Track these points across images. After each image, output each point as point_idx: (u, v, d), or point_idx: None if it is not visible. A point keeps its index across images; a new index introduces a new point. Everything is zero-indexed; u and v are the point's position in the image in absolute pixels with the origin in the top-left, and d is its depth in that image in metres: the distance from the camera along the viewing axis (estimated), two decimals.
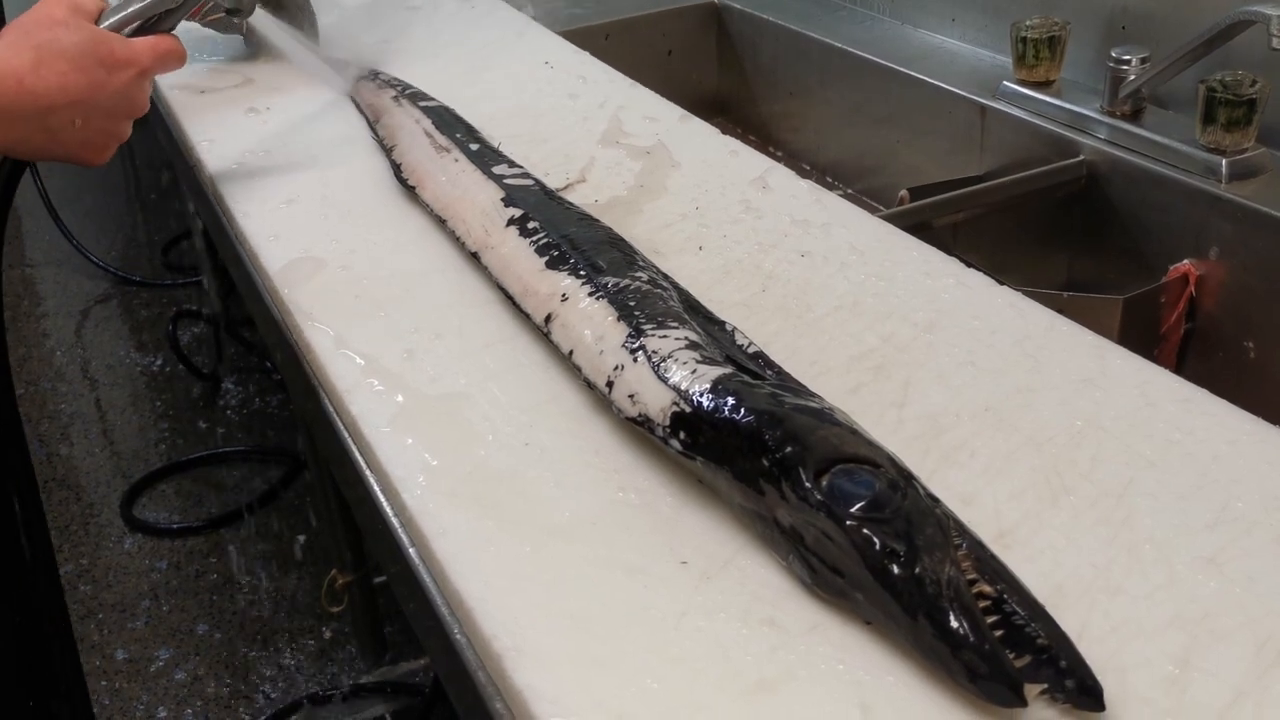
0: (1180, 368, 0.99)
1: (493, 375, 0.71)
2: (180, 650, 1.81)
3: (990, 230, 1.07)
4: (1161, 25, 1.04)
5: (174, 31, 0.86)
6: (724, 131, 1.04)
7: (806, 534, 0.52)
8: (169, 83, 1.19)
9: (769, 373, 0.65)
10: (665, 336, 0.64)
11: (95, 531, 2.07)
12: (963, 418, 0.64)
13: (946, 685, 0.48)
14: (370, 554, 1.50)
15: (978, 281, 0.78)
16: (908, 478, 0.54)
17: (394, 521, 0.62)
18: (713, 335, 0.68)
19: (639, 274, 0.72)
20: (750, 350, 0.68)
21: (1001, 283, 0.78)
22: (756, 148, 1.02)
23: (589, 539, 0.57)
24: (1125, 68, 1.01)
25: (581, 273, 0.72)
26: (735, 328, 0.70)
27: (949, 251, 0.82)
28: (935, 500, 0.54)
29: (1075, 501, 0.58)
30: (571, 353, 0.68)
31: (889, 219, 0.90)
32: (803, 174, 0.94)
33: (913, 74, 1.23)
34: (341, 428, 0.70)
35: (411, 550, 0.60)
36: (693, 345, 0.64)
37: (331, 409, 0.72)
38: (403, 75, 1.12)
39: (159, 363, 2.52)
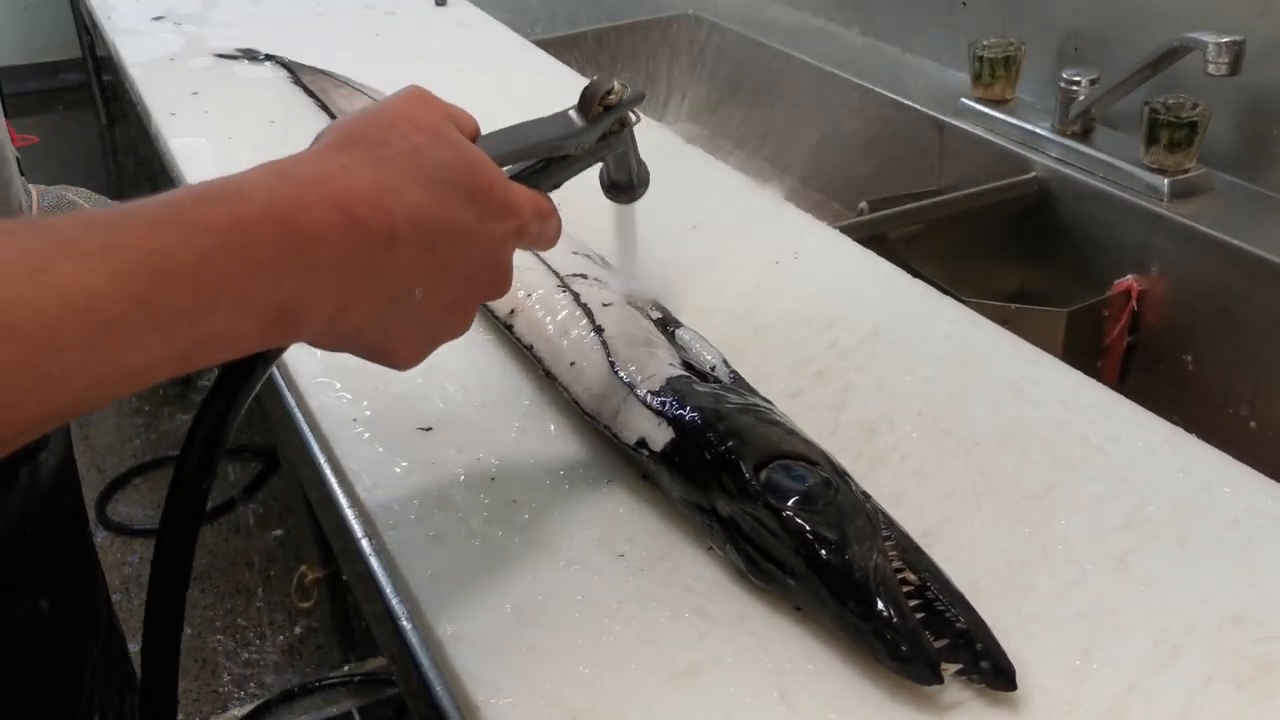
0: (1123, 380, 1.02)
1: (451, 374, 0.73)
2: None
3: (945, 243, 1.10)
4: (1112, 48, 1.07)
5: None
6: (691, 139, 1.07)
7: (744, 524, 0.55)
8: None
9: (726, 371, 0.68)
10: (627, 336, 0.67)
11: None
12: (896, 422, 0.67)
13: (864, 672, 0.51)
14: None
15: (923, 292, 0.81)
16: (841, 475, 0.57)
17: (348, 514, 0.64)
18: (671, 339, 0.71)
19: (602, 272, 0.75)
20: (708, 357, 0.70)
21: (946, 293, 0.81)
22: (723, 155, 1.05)
23: (531, 531, 0.60)
24: (1075, 88, 1.04)
25: (547, 269, 0.75)
26: (699, 334, 0.72)
27: (904, 262, 0.85)
28: (867, 496, 0.57)
29: (997, 503, 0.61)
30: (531, 346, 0.71)
31: (845, 230, 0.92)
32: (767, 182, 0.97)
33: (876, 89, 1.26)
34: (303, 423, 0.72)
35: (364, 541, 0.63)
36: (651, 346, 0.67)
37: (294, 405, 0.74)
38: None
39: None
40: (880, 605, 0.50)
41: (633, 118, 0.58)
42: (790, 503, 0.54)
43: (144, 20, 1.47)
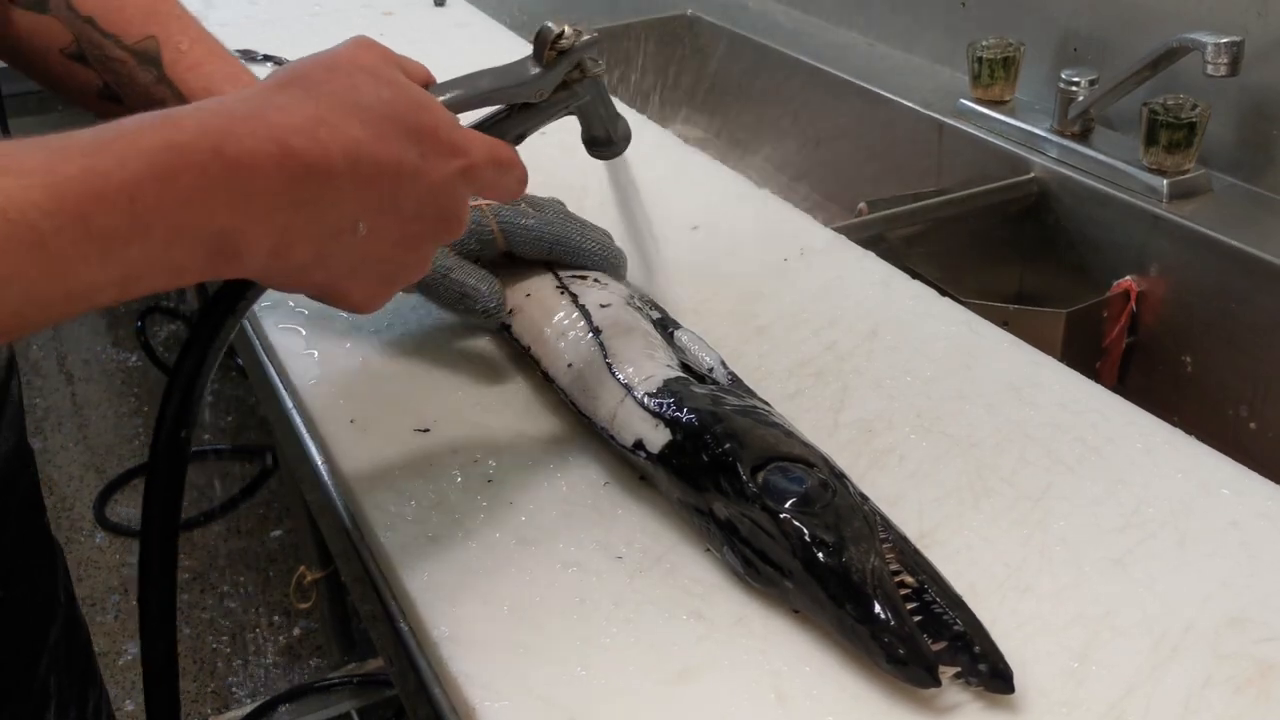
0: (1122, 381, 1.02)
1: (448, 375, 0.73)
2: None
3: (944, 243, 1.10)
4: (1111, 48, 1.07)
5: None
6: (691, 139, 1.07)
7: (741, 526, 0.55)
8: None
9: (724, 372, 0.68)
10: (625, 337, 0.67)
11: (68, 525, 2.08)
12: (895, 423, 0.67)
13: (861, 675, 0.51)
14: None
15: (921, 293, 0.81)
16: (839, 476, 0.57)
17: (345, 515, 0.64)
18: (670, 340, 0.71)
19: (600, 271, 0.75)
20: (706, 359, 0.70)
21: (945, 294, 0.81)
22: (723, 156, 1.05)
23: (528, 533, 0.60)
24: (1074, 89, 1.04)
25: (546, 269, 0.75)
26: (697, 335, 0.72)
27: (902, 263, 0.85)
28: (864, 498, 0.57)
29: (995, 504, 0.60)
30: (529, 347, 0.71)
31: (843, 230, 0.92)
32: (766, 183, 0.97)
33: (875, 90, 1.26)
34: (300, 424, 0.72)
35: (361, 543, 0.63)
36: (649, 348, 0.67)
37: (291, 406, 0.74)
38: None
39: (135, 359, 2.53)
40: (877, 608, 0.50)
41: (592, 65, 0.57)
42: (787, 505, 0.54)
43: None
